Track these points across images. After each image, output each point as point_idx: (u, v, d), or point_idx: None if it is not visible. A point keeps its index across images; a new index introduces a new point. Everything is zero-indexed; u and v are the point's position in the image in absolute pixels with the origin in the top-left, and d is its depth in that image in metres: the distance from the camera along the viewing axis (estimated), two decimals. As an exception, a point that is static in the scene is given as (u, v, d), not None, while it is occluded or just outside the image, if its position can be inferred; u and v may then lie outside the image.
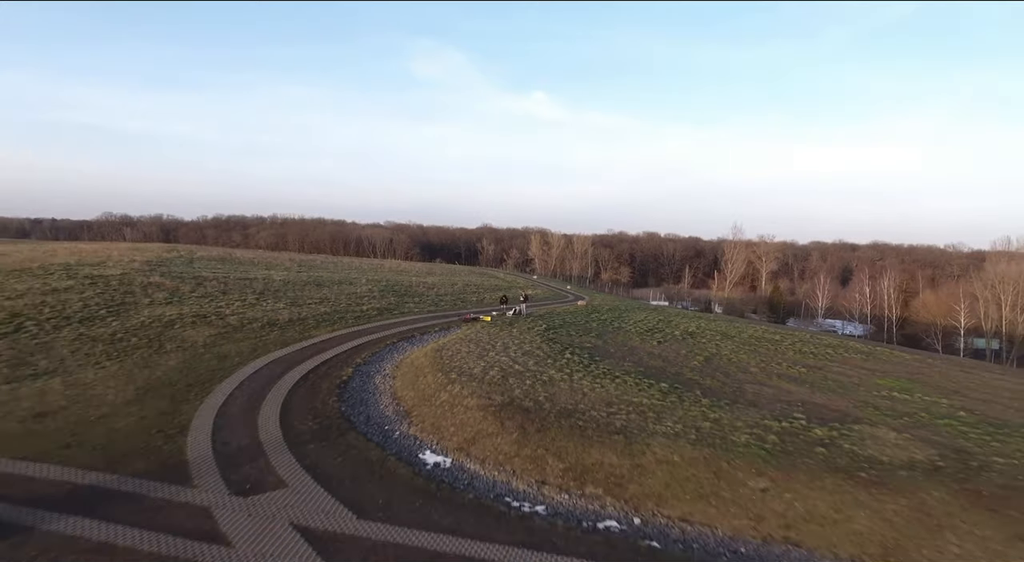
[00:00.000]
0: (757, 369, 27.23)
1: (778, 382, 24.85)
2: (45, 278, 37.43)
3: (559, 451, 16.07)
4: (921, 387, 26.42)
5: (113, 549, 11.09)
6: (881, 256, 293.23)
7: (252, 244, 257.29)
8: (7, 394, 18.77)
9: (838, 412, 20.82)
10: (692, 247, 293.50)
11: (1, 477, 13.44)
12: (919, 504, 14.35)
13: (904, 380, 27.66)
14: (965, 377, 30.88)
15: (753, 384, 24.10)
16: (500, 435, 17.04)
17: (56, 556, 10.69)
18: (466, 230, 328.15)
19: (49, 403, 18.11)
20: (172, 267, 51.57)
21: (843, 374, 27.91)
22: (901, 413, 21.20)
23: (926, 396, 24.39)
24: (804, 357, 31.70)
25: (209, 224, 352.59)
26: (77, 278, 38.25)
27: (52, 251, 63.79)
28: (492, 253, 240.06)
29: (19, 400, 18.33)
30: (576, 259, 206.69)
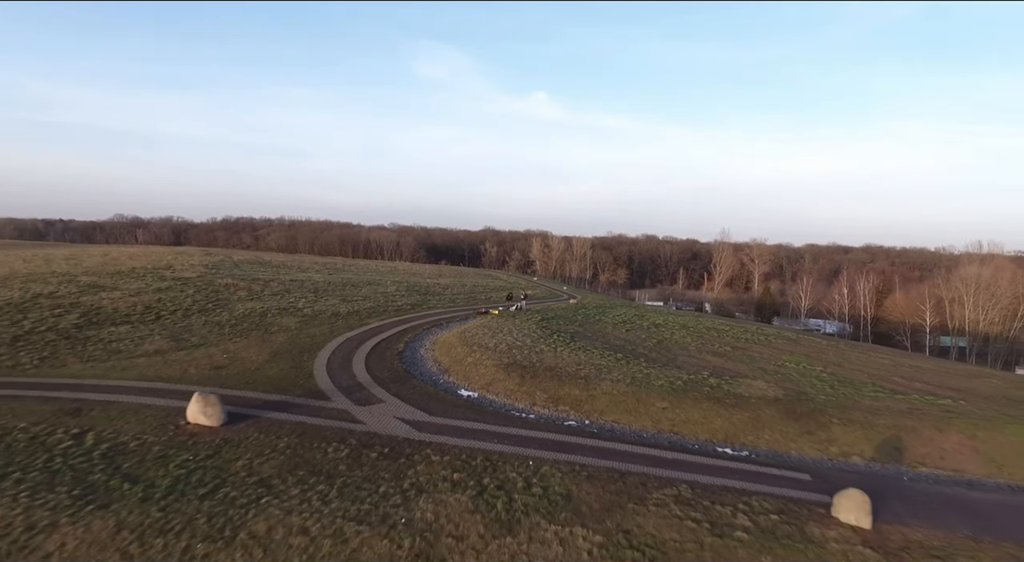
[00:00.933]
0: (695, 348, 37.36)
1: (704, 356, 34.99)
2: (143, 280, 47.72)
3: (543, 388, 26.23)
4: (812, 361, 36.52)
5: (304, 425, 21.22)
6: (872, 258, 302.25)
7: (263, 246, 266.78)
8: (186, 357, 28.96)
9: (735, 372, 30.95)
10: (689, 249, 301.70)
11: (223, 396, 23.63)
12: (755, 416, 24.49)
13: (802, 356, 37.77)
14: (858, 356, 40.96)
15: (685, 356, 34.24)
16: (507, 380, 27.20)
17: (275, 430, 20.78)
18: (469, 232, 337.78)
19: (219, 361, 28.32)
20: (226, 270, 61.85)
21: (759, 353, 38.00)
22: (780, 373, 31.35)
23: (809, 365, 34.51)
24: (738, 342, 41.78)
25: (219, 226, 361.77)
26: (168, 280, 48.54)
27: (113, 257, 74.03)
28: (495, 255, 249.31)
29: (197, 360, 28.53)
30: (575, 261, 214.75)
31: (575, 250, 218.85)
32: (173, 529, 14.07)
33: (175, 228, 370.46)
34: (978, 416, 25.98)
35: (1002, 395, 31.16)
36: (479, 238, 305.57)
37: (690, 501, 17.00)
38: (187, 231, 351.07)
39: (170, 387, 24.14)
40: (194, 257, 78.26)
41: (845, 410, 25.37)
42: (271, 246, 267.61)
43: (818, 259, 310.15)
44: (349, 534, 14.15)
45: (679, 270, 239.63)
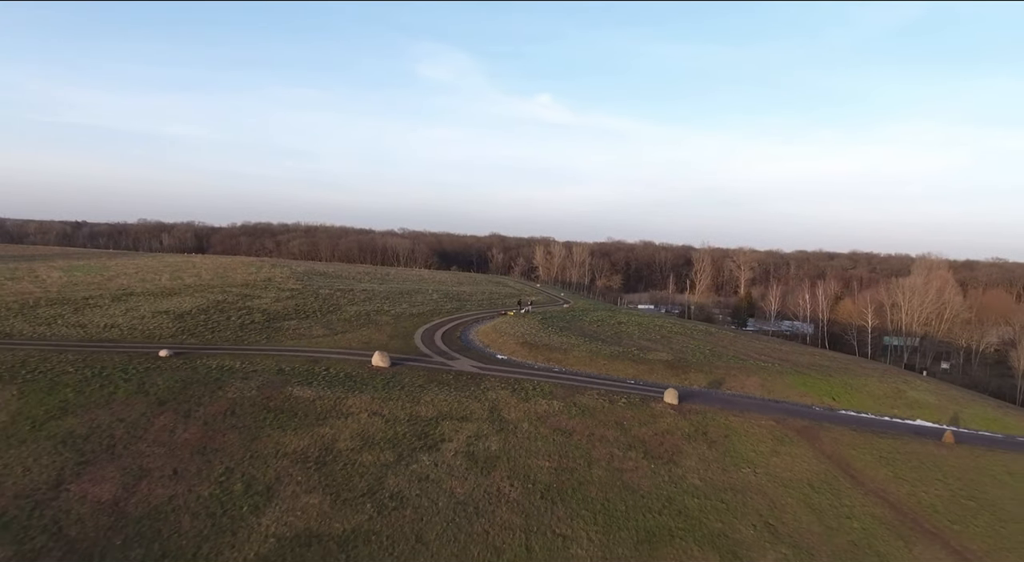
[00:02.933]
0: (636, 336, 60.70)
1: (639, 340, 58.35)
2: (267, 290, 71.30)
3: (542, 353, 49.67)
4: (708, 344, 59.76)
5: (425, 367, 44.57)
6: (855, 265, 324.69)
7: (285, 252, 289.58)
8: (342, 339, 52.29)
9: (651, 348, 54.29)
10: (683, 255, 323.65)
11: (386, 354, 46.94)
12: (651, 368, 47.77)
13: (703, 342, 61.03)
14: (745, 342, 64.22)
15: (627, 340, 57.60)
16: (522, 350, 50.62)
17: (414, 368, 44.11)
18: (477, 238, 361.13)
19: (363, 340, 51.66)
20: (309, 281, 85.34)
21: (676, 340, 61.26)
22: (679, 350, 54.66)
23: (702, 346, 57.70)
24: (668, 334, 65.01)
25: (239, 231, 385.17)
26: (286, 290, 72.12)
27: (210, 268, 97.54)
28: (501, 261, 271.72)
29: (349, 340, 51.85)
30: (575, 267, 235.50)
31: (575, 257, 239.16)
32: (391, 398, 37.45)
33: (197, 232, 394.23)
34: (775, 370, 49.25)
35: (808, 363, 54.40)
36: (486, 244, 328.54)
37: (603, 394, 40.31)
38: (209, 236, 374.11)
39: (347, 351, 47.59)
40: (272, 269, 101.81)
41: (701, 366, 48.69)
42: (293, 252, 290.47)
43: (803, 265, 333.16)
44: (462, 402, 37.52)
45: (671, 276, 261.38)
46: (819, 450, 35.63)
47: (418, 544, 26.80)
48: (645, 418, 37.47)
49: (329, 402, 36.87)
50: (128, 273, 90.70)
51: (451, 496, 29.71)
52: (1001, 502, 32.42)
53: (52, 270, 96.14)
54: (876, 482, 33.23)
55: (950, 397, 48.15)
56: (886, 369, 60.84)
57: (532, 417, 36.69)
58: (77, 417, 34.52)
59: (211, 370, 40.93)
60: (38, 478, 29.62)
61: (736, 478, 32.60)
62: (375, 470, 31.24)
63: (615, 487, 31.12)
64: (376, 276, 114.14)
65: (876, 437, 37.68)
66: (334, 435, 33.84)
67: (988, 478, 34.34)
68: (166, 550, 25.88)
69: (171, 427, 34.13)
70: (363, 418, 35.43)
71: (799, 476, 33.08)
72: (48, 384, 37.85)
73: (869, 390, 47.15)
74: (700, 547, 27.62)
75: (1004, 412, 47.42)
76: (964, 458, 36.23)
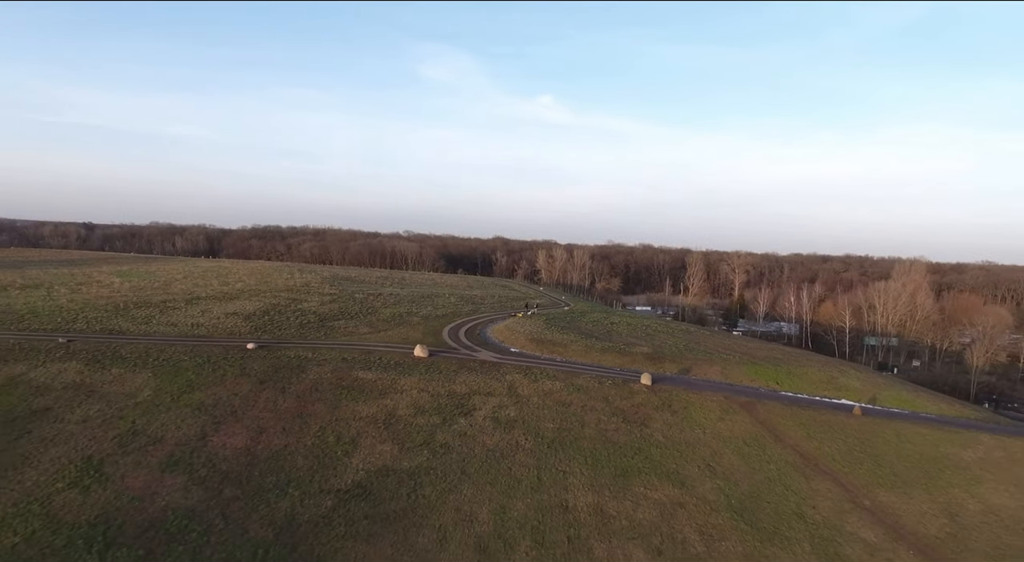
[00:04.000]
0: (625, 334, 72.97)
1: (626, 337, 70.60)
2: (310, 294, 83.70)
3: (546, 347, 62.02)
4: (684, 340, 71.97)
5: (455, 357, 56.87)
6: (847, 268, 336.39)
7: (297, 255, 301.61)
8: (385, 335, 64.58)
9: (635, 343, 66.57)
10: (680, 258, 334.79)
11: (425, 347, 59.23)
12: (633, 358, 60.15)
13: (681, 339, 73.28)
14: (718, 339, 76.47)
15: (616, 337, 69.90)
16: (530, 345, 62.97)
17: (447, 358, 56.40)
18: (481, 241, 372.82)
19: (401, 336, 63.96)
20: (342, 287, 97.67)
21: (659, 337, 73.48)
22: (659, 345, 67.00)
23: (678, 341, 69.96)
24: (654, 332, 77.18)
25: (250, 234, 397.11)
26: (326, 295, 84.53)
27: (237, 276, 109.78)
28: (505, 264, 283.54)
29: (391, 336, 64.13)
30: (576, 270, 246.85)
31: (576, 260, 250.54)
32: (433, 379, 49.81)
33: (208, 235, 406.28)
34: (735, 361, 61.44)
35: (764, 356, 66.55)
36: (490, 247, 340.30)
37: (594, 378, 52.56)
38: (220, 238, 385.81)
39: (392, 345, 59.88)
40: (304, 275, 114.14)
41: (674, 358, 60.91)
42: (304, 255, 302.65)
43: (796, 268, 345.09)
44: (486, 382, 49.81)
45: (667, 279, 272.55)
46: (754, 418, 47.82)
47: (463, 475, 39.10)
48: (625, 395, 49.72)
49: (387, 382, 49.16)
50: (178, 279, 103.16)
51: (483, 446, 42.00)
52: (883, 454, 44.61)
53: (107, 275, 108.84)
54: (793, 440, 45.42)
55: (873, 383, 60.33)
56: (827, 361, 72.98)
57: (540, 393, 48.97)
58: (202, 392, 46.89)
59: (291, 359, 53.26)
60: (188, 432, 41.99)
61: (689, 436, 44.82)
62: (427, 429, 43.55)
63: (600, 441, 43.36)
64: (394, 281, 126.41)
65: (800, 409, 49.89)
66: (394, 405, 46.15)
67: (878, 438, 46.51)
68: (290, 478, 38.25)
69: (273, 399, 46.48)
70: (414, 393, 47.74)
71: (736, 435, 45.28)
72: (172, 369, 50.24)
73: (808, 377, 59.35)
74: (659, 479, 39.87)
75: (916, 395, 59.57)
76: (865, 425, 48.41)
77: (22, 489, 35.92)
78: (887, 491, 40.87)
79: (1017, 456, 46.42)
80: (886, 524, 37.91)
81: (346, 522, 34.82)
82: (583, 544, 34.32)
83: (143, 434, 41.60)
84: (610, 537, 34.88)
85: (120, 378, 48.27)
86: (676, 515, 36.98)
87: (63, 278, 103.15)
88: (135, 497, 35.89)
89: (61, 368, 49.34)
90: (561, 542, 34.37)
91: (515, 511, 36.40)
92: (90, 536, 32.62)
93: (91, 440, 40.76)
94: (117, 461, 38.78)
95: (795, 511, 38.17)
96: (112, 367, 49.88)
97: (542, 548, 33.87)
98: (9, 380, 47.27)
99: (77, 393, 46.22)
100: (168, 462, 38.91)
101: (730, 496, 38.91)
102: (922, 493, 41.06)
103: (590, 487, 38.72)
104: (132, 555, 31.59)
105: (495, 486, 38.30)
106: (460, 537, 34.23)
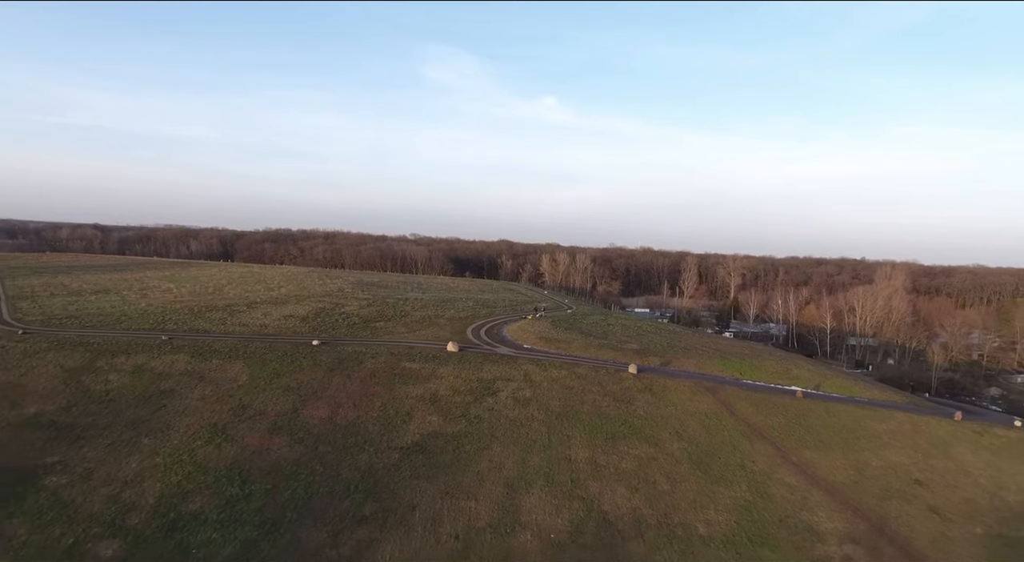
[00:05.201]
0: (619, 333, 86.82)
1: (620, 336, 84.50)
2: (348, 299, 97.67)
3: (553, 344, 75.98)
4: (668, 339, 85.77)
5: (479, 351, 70.72)
6: (839, 271, 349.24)
7: (310, 259, 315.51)
8: (420, 334, 78.44)
9: (626, 340, 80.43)
10: (678, 262, 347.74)
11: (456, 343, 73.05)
12: (624, 353, 74.01)
13: (667, 338, 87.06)
14: (698, 338, 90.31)
15: (612, 335, 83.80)
16: (539, 342, 76.94)
17: (474, 352, 70.20)
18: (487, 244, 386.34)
19: (433, 335, 77.80)
20: (373, 292, 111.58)
21: (648, 336, 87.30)
22: (648, 342, 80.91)
23: (662, 340, 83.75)
24: (644, 332, 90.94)
25: (262, 237, 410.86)
26: (359, 299, 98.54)
27: (275, 282, 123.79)
28: (510, 267, 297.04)
29: (426, 335, 77.99)
30: (578, 273, 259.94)
31: (578, 264, 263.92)
32: (465, 368, 63.71)
33: (223, 238, 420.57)
34: (708, 356, 75.15)
35: (733, 352, 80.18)
36: (496, 251, 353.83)
37: (592, 368, 66.36)
38: (234, 242, 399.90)
39: (427, 342, 73.75)
40: (333, 280, 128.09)
41: (658, 353, 74.68)
42: (317, 258, 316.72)
43: (791, 271, 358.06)
44: (507, 371, 63.67)
45: (665, 281, 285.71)
46: (716, 399, 61.51)
47: (492, 438, 52.90)
48: (615, 381, 63.44)
49: (429, 370, 62.97)
50: (224, 285, 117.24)
51: (507, 417, 55.79)
52: (812, 425, 58.27)
53: (159, 281, 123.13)
54: (744, 415, 59.09)
55: (819, 373, 73.97)
56: (786, 356, 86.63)
57: (548, 379, 62.73)
58: (287, 378, 60.80)
59: (350, 353, 67.12)
60: (283, 407, 55.91)
61: (664, 411, 58.52)
62: (463, 405, 57.36)
63: (595, 414, 57.11)
64: (413, 285, 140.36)
65: (753, 393, 63.56)
66: (436, 387, 59.98)
67: (811, 414, 60.18)
68: (365, 439, 52.14)
69: (342, 383, 60.36)
70: (451, 379, 61.57)
71: (700, 410, 58.97)
72: (259, 360, 64.16)
73: (766, 368, 72.97)
74: (639, 441, 53.58)
75: (854, 383, 73.18)
76: (803, 404, 62.04)
77: (172, 445, 49.94)
78: (811, 451, 54.50)
79: (920, 429, 60.03)
80: (806, 474, 51.55)
81: (410, 468, 48.69)
82: (581, 484, 48.07)
83: (250, 408, 55.56)
84: (601, 480, 48.62)
85: (221, 367, 62.24)
86: (650, 465, 50.71)
87: (122, 284, 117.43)
88: (255, 451, 49.87)
89: (173, 359, 63.34)
90: (565, 483, 48.12)
91: (532, 462, 50.17)
92: (230, 475, 46.65)
93: (212, 412, 54.75)
94: (236, 427, 52.77)
95: (739, 464, 51.85)
96: (212, 359, 63.87)
97: (552, 487, 47.62)
98: (137, 368, 61.33)
99: (191, 378, 60.21)
100: (273, 427, 52.86)
101: (691, 453, 52.62)
102: (838, 453, 54.68)
103: (587, 446, 52.44)
104: (262, 488, 45.53)
105: (516, 445, 52.06)
106: (492, 479, 48.02)
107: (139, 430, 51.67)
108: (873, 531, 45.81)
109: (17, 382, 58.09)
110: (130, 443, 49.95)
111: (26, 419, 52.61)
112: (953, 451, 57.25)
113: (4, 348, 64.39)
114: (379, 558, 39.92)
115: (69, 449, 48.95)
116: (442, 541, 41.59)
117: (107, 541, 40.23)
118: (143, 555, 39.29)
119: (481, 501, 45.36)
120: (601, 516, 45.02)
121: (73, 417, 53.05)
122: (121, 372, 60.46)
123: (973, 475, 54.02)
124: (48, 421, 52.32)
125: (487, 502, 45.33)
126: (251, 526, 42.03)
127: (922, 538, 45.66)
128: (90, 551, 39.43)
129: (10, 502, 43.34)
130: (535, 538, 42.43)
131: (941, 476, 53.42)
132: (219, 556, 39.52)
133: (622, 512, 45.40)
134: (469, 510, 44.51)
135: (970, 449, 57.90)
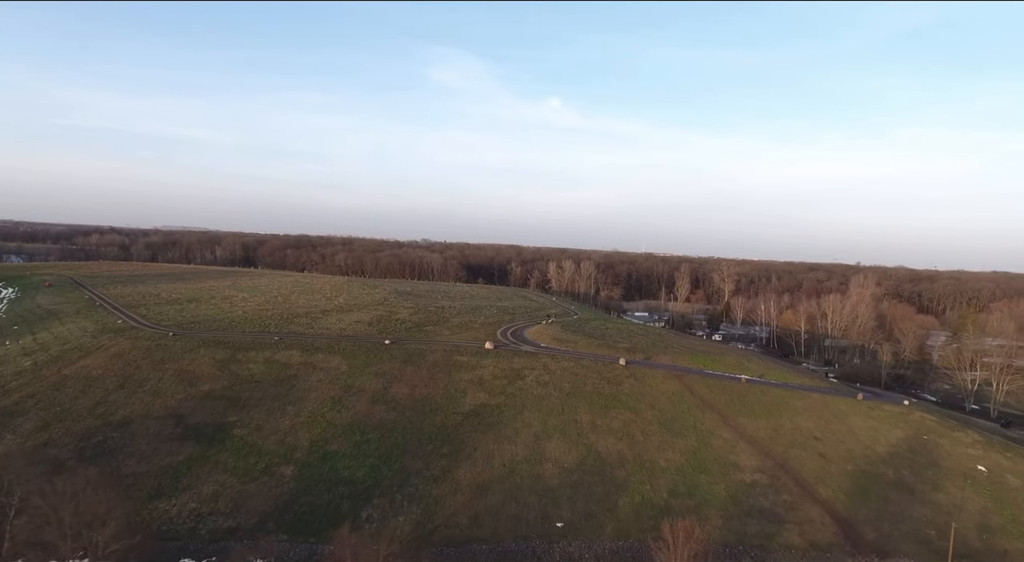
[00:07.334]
0: (614, 334, 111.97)
1: (614, 336, 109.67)
2: (398, 307, 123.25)
3: (564, 342, 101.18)
4: (653, 339, 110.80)
5: (507, 348, 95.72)
6: (829, 276, 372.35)
7: (331, 265, 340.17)
8: (461, 336, 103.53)
9: (620, 339, 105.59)
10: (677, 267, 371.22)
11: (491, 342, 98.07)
12: (616, 349, 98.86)
13: (654, 339, 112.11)
14: (679, 340, 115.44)
15: (609, 336, 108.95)
16: (553, 341, 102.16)
17: (503, 349, 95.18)
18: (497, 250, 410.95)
19: (471, 336, 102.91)
20: (414, 301, 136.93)
21: (638, 337, 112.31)
22: (637, 341, 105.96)
23: (649, 340, 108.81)
24: (634, 334, 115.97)
25: (283, 243, 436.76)
26: (406, 308, 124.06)
27: (329, 291, 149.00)
28: (519, 273, 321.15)
29: (465, 336, 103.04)
30: (583, 280, 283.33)
31: (583, 271, 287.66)
32: (501, 361, 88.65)
33: (245, 243, 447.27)
34: (681, 353, 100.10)
35: (702, 350, 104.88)
36: (505, 257, 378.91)
37: (592, 360, 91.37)
38: (256, 248, 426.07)
39: (468, 342, 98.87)
40: (373, 290, 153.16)
41: (643, 350, 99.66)
42: (339, 265, 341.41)
43: (783, 277, 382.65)
44: (531, 362, 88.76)
45: (663, 287, 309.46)
46: (682, 383, 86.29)
47: (523, 408, 77.98)
48: (609, 370, 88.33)
49: (474, 362, 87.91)
50: (285, 294, 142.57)
51: (533, 394, 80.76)
52: (749, 402, 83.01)
53: (229, 290, 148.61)
54: (700, 394, 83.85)
55: (765, 366, 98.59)
56: (742, 353, 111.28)
57: (561, 368, 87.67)
58: (374, 367, 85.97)
59: (414, 350, 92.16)
60: (376, 387, 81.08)
61: (643, 391, 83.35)
62: (501, 385, 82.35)
63: (594, 393, 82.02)
64: (441, 293, 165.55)
65: (710, 379, 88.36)
66: (481, 374, 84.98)
67: (750, 394, 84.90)
68: (435, 407, 77.40)
69: (414, 371, 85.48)
70: (491, 368, 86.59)
71: (669, 391, 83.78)
72: (351, 354, 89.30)
73: (725, 362, 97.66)
74: (624, 410, 78.49)
75: (790, 372, 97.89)
76: (745, 387, 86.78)
77: (308, 411, 75.14)
78: (744, 418, 79.22)
79: (828, 405, 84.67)
80: (738, 432, 76.28)
81: (469, 426, 73.74)
82: (584, 436, 72.96)
83: (353, 388, 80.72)
84: (597, 433, 73.51)
85: (325, 360, 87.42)
86: (631, 425, 75.59)
87: (198, 293, 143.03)
88: (364, 414, 75.10)
89: (289, 354, 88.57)
90: (573, 435, 73.06)
91: (551, 423, 75.12)
92: (352, 429, 71.89)
93: (328, 390, 79.91)
94: (347, 399, 77.95)
95: (692, 425, 76.67)
96: (317, 353, 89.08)
97: (564, 437, 72.53)
98: (267, 360, 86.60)
99: (306, 367, 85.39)
100: (373, 400, 78.03)
101: (660, 418, 77.48)
102: (763, 420, 79.37)
103: (588, 413, 77.33)
104: (376, 436, 70.67)
105: (540, 412, 76.98)
106: (525, 432, 72.99)
107: (282, 401, 76.86)
108: (776, 466, 70.62)
109: (187, 369, 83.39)
110: (279, 409, 75.16)
111: (204, 393, 77.92)
112: (849, 420, 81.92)
113: (168, 346, 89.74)
114: (457, 476, 64.97)
115: (240, 413, 74.21)
116: (495, 467, 66.64)
117: (285, 465, 65.52)
118: (310, 474, 64.43)
119: (518, 445, 70.41)
120: (597, 455, 69.95)
121: (235, 393, 78.32)
122: (256, 363, 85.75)
123: (858, 435, 78.73)
124: (220, 395, 77.64)
125: (522, 446, 70.37)
126: (373, 457, 67.24)
127: (809, 471, 70.46)
128: (277, 471, 64.72)
129: (214, 444, 68.63)
130: (554, 467, 67.42)
131: (834, 435, 78.13)
132: (357, 474, 64.70)
133: (611, 453, 70.33)
134: (511, 451, 69.52)
135: (861, 418, 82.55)
